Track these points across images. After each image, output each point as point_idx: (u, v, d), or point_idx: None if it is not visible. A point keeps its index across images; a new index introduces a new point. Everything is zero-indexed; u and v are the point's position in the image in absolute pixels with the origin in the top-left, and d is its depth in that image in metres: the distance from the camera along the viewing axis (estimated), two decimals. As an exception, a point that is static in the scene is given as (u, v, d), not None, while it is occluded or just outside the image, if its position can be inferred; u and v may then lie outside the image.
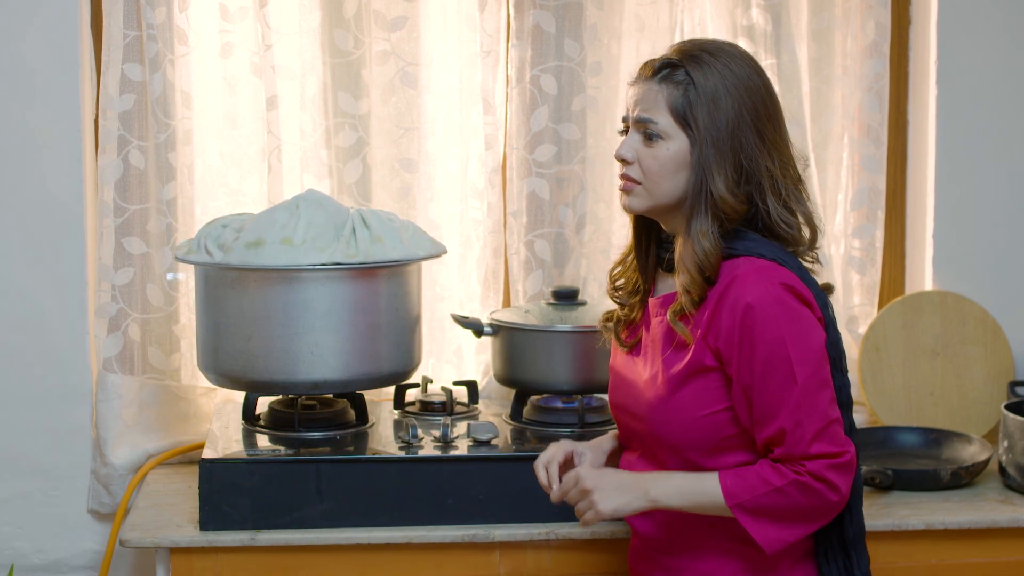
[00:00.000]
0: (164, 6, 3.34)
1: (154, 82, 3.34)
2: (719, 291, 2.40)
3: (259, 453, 2.95)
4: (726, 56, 2.45)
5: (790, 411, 2.35)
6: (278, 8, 3.41)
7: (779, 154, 2.45)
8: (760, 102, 2.44)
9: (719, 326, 2.39)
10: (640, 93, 2.47)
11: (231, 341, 3.01)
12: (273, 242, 2.97)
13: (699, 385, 2.43)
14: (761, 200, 2.44)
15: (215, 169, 3.46)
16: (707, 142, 2.40)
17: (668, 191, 2.44)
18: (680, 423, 2.45)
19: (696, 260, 2.40)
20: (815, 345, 2.38)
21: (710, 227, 2.40)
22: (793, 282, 2.39)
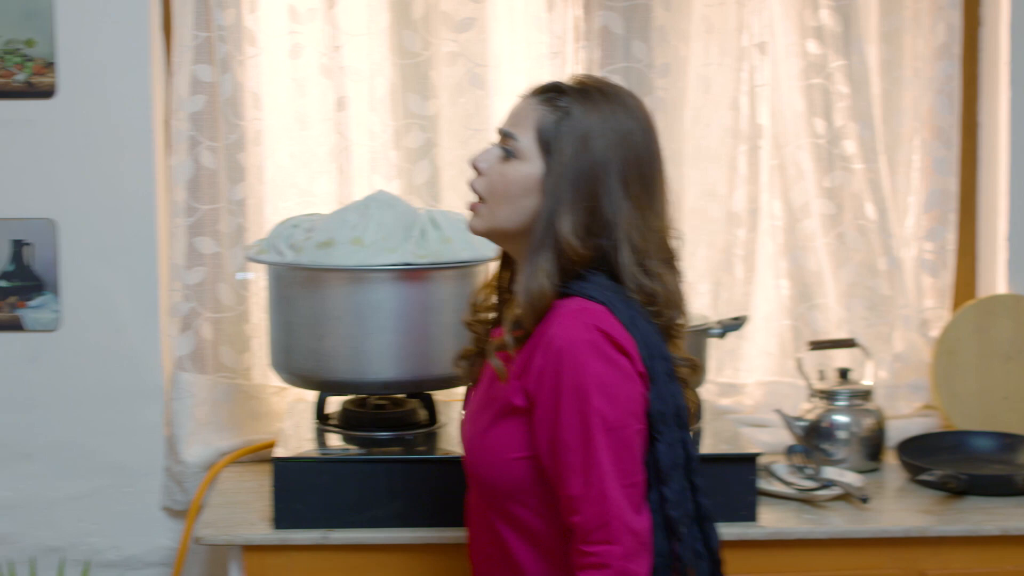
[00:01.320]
0: (233, 7, 3.36)
1: (224, 83, 3.36)
2: (538, 332, 2.23)
3: (331, 452, 2.96)
4: (618, 102, 2.28)
5: (584, 474, 2.15)
6: (347, 9, 3.42)
7: (642, 215, 2.25)
8: (635, 157, 2.25)
9: (531, 366, 2.22)
10: (517, 107, 2.32)
11: (302, 340, 3.02)
12: (344, 242, 2.98)
13: (510, 426, 2.26)
14: (614, 255, 2.24)
15: (285, 169, 3.47)
16: (564, 177, 2.22)
17: (508, 216, 2.28)
18: (490, 464, 2.29)
19: (531, 296, 2.23)
20: (625, 396, 2.18)
21: (551, 266, 2.22)
22: (612, 328, 2.19)
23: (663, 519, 2.23)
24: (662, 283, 2.27)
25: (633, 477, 2.19)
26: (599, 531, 2.15)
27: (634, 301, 2.25)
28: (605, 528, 2.15)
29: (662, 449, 2.23)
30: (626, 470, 2.18)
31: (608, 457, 2.15)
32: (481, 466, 2.31)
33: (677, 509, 2.23)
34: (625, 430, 2.18)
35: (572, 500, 2.17)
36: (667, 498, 2.23)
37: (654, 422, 2.23)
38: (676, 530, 2.23)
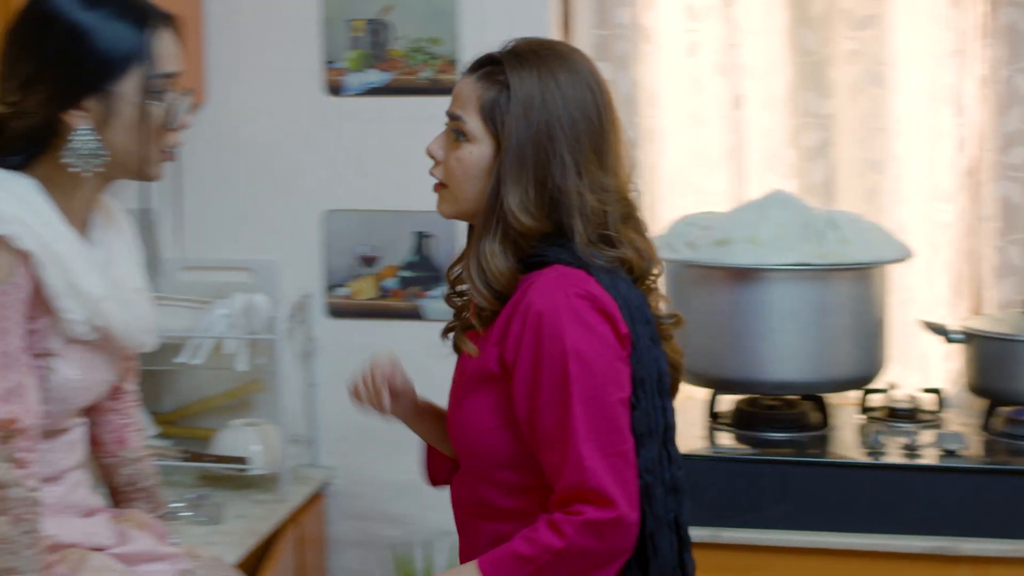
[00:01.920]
0: (632, 6, 3.41)
1: (622, 81, 3.41)
2: (515, 299, 2.16)
3: (722, 451, 2.98)
4: (557, 62, 2.17)
5: (561, 442, 2.08)
6: (744, 7, 3.42)
7: (594, 178, 2.16)
8: (582, 116, 2.15)
9: (508, 333, 2.14)
10: (459, 88, 2.23)
11: (697, 338, 3.03)
12: (741, 241, 2.98)
13: (487, 395, 2.18)
14: (568, 223, 2.16)
15: (680, 167, 3.50)
16: (509, 151, 2.14)
17: (472, 197, 2.20)
18: (471, 433, 2.22)
19: (486, 281, 2.16)
20: (604, 364, 2.10)
21: (500, 246, 2.15)
22: (595, 291, 2.12)
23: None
24: (626, 243, 2.20)
25: (617, 446, 2.10)
26: (577, 497, 2.08)
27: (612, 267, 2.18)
28: (583, 495, 2.07)
29: (638, 416, 2.15)
30: (606, 439, 2.09)
31: (585, 425, 2.07)
32: (462, 437, 2.24)
33: (650, 475, 2.16)
34: (605, 399, 2.09)
35: (551, 467, 2.11)
36: (639, 465, 2.14)
37: (634, 388, 2.15)
38: (648, 499, 2.15)
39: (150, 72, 2.07)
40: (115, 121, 2.07)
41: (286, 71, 3.48)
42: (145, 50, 2.07)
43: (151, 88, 2.08)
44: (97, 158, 2.08)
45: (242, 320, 3.31)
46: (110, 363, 2.24)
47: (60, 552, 2.12)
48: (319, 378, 3.49)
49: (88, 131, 2.06)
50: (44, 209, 2.06)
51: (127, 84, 2.07)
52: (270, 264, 3.51)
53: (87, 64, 2.05)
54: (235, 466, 3.28)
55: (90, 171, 2.08)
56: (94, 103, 2.06)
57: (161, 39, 2.10)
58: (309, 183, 3.46)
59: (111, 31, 2.05)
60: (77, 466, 2.24)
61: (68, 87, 2.05)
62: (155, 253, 3.45)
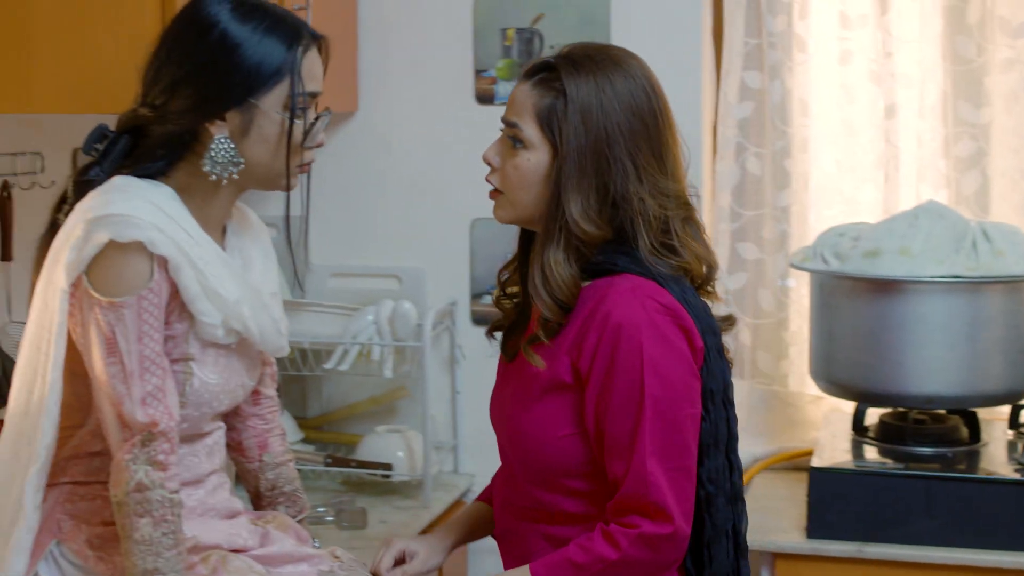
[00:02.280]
0: (784, 14, 3.38)
1: (773, 89, 3.38)
2: (589, 308, 2.15)
3: (868, 465, 2.93)
4: (612, 67, 2.17)
5: (628, 453, 2.09)
6: (899, 15, 3.36)
7: (655, 182, 2.16)
8: (640, 122, 2.15)
9: (584, 343, 2.14)
10: (515, 94, 2.22)
11: (844, 350, 3.01)
12: (891, 252, 2.94)
13: (555, 404, 2.18)
14: (631, 229, 2.16)
15: (830, 177, 3.45)
16: (568, 158, 2.13)
17: (530, 204, 2.19)
18: (534, 442, 2.19)
19: (550, 291, 2.15)
20: (679, 379, 2.11)
21: (564, 254, 2.14)
22: (673, 304, 2.13)
23: (696, 498, 2.16)
24: (688, 249, 2.19)
25: (682, 461, 2.11)
26: (636, 508, 2.10)
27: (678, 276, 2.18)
28: (642, 508, 2.09)
29: (706, 427, 2.17)
30: (673, 453, 2.10)
31: (654, 439, 2.08)
32: (529, 445, 2.22)
33: (710, 487, 2.17)
34: (676, 413, 2.11)
35: (615, 476, 2.12)
36: (701, 476, 2.16)
37: (704, 400, 2.16)
38: (709, 508, 2.17)
39: (294, 89, 2.10)
40: (254, 133, 2.11)
41: (437, 80, 3.51)
42: (292, 67, 2.10)
43: (294, 106, 2.11)
44: (234, 167, 2.12)
45: (388, 327, 3.34)
46: (247, 367, 2.27)
47: (202, 553, 2.15)
48: (463, 385, 3.51)
49: (226, 140, 2.10)
50: (180, 215, 2.10)
51: (270, 99, 2.10)
52: (417, 271, 3.54)
53: (235, 75, 2.09)
54: (380, 472, 3.31)
55: (225, 179, 2.12)
56: (236, 114, 2.10)
57: (308, 58, 2.13)
58: (457, 191, 3.48)
59: (262, 46, 2.09)
60: (217, 469, 2.28)
61: (214, 96, 2.09)
62: (304, 260, 3.53)
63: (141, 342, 2.03)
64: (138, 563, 2.02)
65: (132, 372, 2.02)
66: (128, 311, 2.02)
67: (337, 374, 3.44)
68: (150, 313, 2.04)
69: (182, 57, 2.10)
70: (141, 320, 2.03)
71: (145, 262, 2.04)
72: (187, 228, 2.09)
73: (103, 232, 2.01)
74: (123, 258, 2.02)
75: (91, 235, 2.02)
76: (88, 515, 2.14)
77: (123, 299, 2.02)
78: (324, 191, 3.56)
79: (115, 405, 2.03)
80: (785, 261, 3.38)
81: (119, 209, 2.03)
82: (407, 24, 3.52)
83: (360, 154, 3.56)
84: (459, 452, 3.55)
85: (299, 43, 2.12)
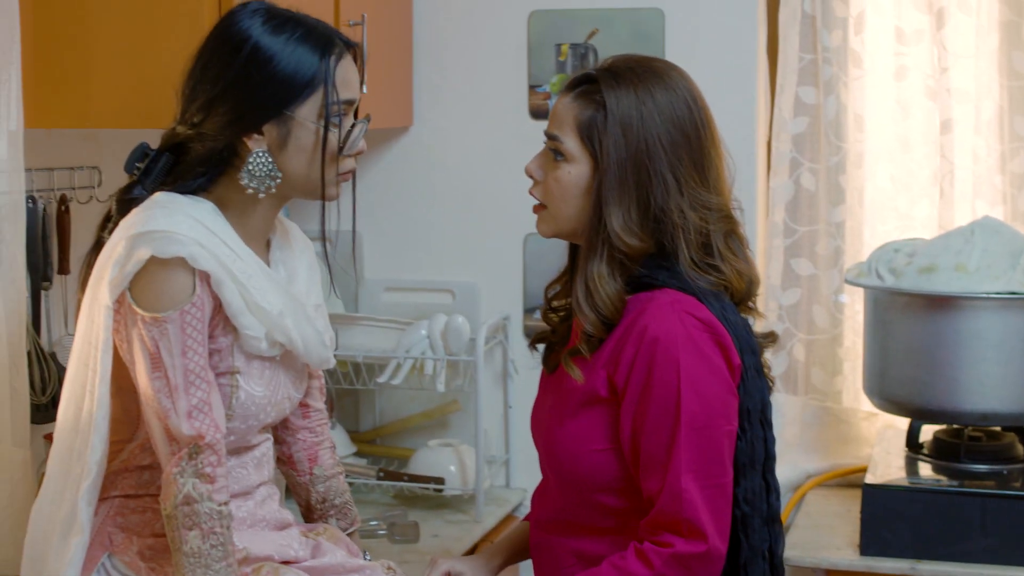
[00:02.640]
0: (840, 29, 3.37)
1: (828, 105, 3.37)
2: (627, 322, 2.14)
3: (922, 482, 2.91)
4: (653, 80, 2.16)
5: (663, 469, 2.08)
6: (955, 30, 3.34)
7: (696, 195, 2.15)
8: (681, 135, 2.15)
9: (621, 357, 2.13)
10: (556, 107, 2.22)
11: (898, 367, 2.99)
12: (946, 268, 2.92)
13: (591, 418, 2.17)
14: (671, 243, 2.15)
15: (885, 192, 3.44)
16: (610, 172, 2.12)
17: (571, 217, 2.19)
18: (569, 455, 2.19)
19: (594, 305, 2.14)
20: (716, 395, 2.10)
21: (607, 268, 2.14)
22: (711, 320, 2.11)
23: (733, 517, 2.15)
24: (729, 264, 2.18)
25: (718, 478, 2.10)
26: (670, 526, 2.09)
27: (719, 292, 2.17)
28: (675, 525, 2.08)
29: (741, 447, 2.16)
30: (709, 470, 2.09)
31: (689, 455, 2.07)
32: (563, 458, 2.21)
33: (745, 507, 2.16)
34: (712, 430, 2.09)
35: (649, 492, 2.11)
36: (737, 496, 2.15)
37: (740, 419, 2.15)
38: (745, 528, 2.15)
39: (329, 99, 2.11)
40: (292, 145, 2.12)
41: (491, 95, 3.52)
42: (325, 77, 2.10)
43: (329, 114, 2.11)
44: (272, 180, 2.13)
45: (442, 341, 3.35)
46: (294, 380, 2.29)
47: (253, 565, 2.16)
48: (515, 399, 3.52)
49: (264, 154, 2.11)
50: (222, 230, 2.11)
51: (305, 109, 2.11)
52: (470, 286, 3.54)
53: (269, 88, 2.09)
54: (432, 486, 3.32)
55: (264, 192, 2.13)
56: (272, 127, 2.11)
57: (341, 66, 2.13)
58: (510, 206, 3.48)
59: (294, 56, 2.09)
60: (266, 481, 2.29)
61: (249, 111, 2.10)
62: (358, 274, 3.55)
63: (185, 356, 2.04)
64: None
65: (177, 386, 2.04)
66: (171, 325, 2.03)
67: (390, 388, 3.46)
68: (193, 327, 2.05)
69: (216, 74, 2.11)
70: (184, 334, 2.04)
71: (187, 277, 2.05)
72: (229, 242, 2.11)
73: (145, 248, 2.03)
74: (165, 274, 2.04)
75: (133, 252, 2.04)
76: (139, 527, 2.16)
77: (166, 314, 2.03)
78: (378, 205, 3.58)
79: (161, 419, 2.05)
80: (839, 277, 3.37)
81: (160, 225, 2.04)
82: (462, 39, 3.53)
83: (414, 169, 3.58)
84: (511, 466, 3.55)
85: (332, 51, 2.12)
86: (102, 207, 2.78)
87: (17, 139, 2.36)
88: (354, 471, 3.33)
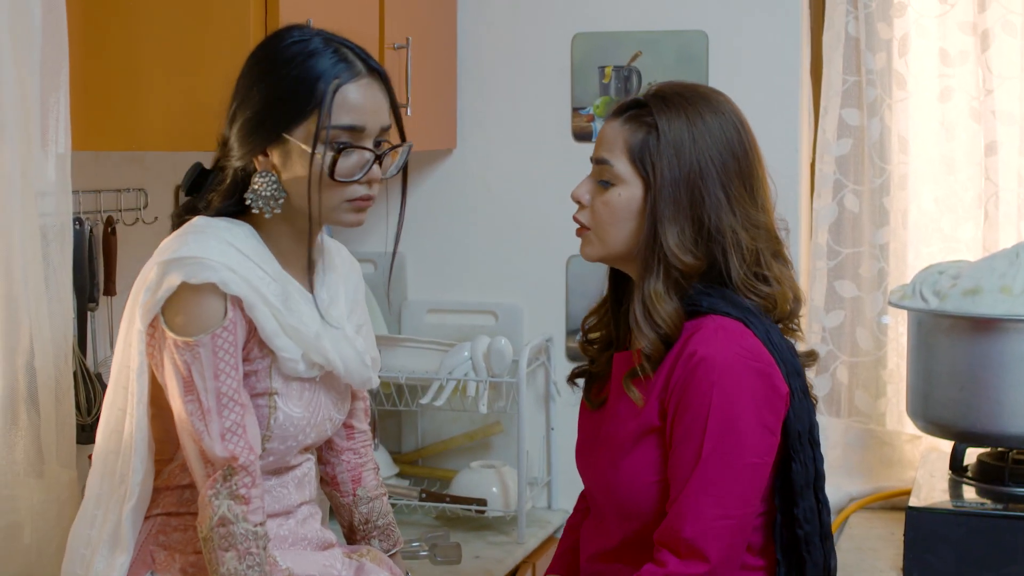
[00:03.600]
0: (884, 51, 3.36)
1: (872, 127, 3.36)
2: (677, 348, 2.17)
3: (966, 505, 2.89)
4: (702, 103, 2.20)
5: (681, 488, 2.12)
6: (999, 52, 3.34)
7: (747, 215, 2.19)
8: (730, 156, 2.19)
9: (670, 383, 2.16)
10: (604, 131, 2.25)
11: (943, 389, 2.97)
12: (991, 290, 2.90)
13: (647, 450, 2.19)
14: (724, 261, 2.18)
15: (929, 214, 3.43)
16: (663, 193, 2.16)
17: (620, 240, 2.22)
18: (628, 491, 2.19)
19: (653, 322, 2.16)
20: (749, 425, 2.11)
21: (664, 286, 2.16)
22: (756, 348, 2.14)
23: (791, 537, 2.18)
24: (777, 281, 2.21)
25: (732, 509, 2.11)
26: (669, 544, 2.11)
27: (762, 314, 2.19)
28: (675, 544, 2.10)
29: (796, 468, 2.18)
30: (724, 501, 2.11)
31: (706, 479, 2.10)
32: (622, 494, 2.22)
33: (807, 526, 2.18)
34: (736, 460, 2.11)
35: (668, 512, 2.13)
36: (796, 517, 2.18)
37: (791, 441, 2.17)
38: (807, 547, 2.18)
39: (319, 123, 2.08)
40: (288, 169, 2.12)
41: (534, 117, 3.53)
42: (320, 100, 2.08)
43: (326, 139, 2.09)
44: (275, 201, 2.13)
45: (484, 363, 3.36)
46: (335, 401, 2.29)
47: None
48: (557, 421, 3.52)
49: (268, 174, 2.13)
50: (257, 252, 2.13)
51: (300, 132, 2.10)
52: (513, 308, 3.55)
53: (269, 109, 2.10)
54: (474, 507, 3.32)
55: (269, 213, 2.14)
56: (275, 149, 2.12)
57: (350, 89, 2.11)
58: (553, 228, 3.49)
59: (294, 78, 2.09)
60: (307, 501, 2.30)
61: (255, 132, 2.12)
62: (401, 295, 3.56)
63: (217, 379, 2.06)
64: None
65: (210, 409, 2.06)
66: (203, 349, 2.05)
67: (432, 409, 3.47)
68: (225, 350, 2.07)
69: (235, 95, 2.14)
70: (216, 357, 2.06)
71: (219, 301, 2.07)
72: (263, 265, 2.12)
73: (176, 274, 2.05)
74: (197, 299, 2.05)
75: (164, 278, 2.06)
76: (181, 545, 2.17)
77: (198, 338, 2.05)
78: (421, 227, 3.60)
79: (196, 441, 2.07)
80: (883, 299, 3.36)
81: (192, 251, 2.06)
82: (506, 62, 3.54)
83: (457, 191, 3.59)
84: (553, 488, 3.55)
85: (340, 73, 2.11)
86: (148, 229, 2.82)
87: (65, 162, 2.38)
88: (396, 492, 3.34)
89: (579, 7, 3.47)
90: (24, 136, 2.29)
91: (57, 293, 2.39)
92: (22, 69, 2.27)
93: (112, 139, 2.62)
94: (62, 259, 2.40)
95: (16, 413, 2.34)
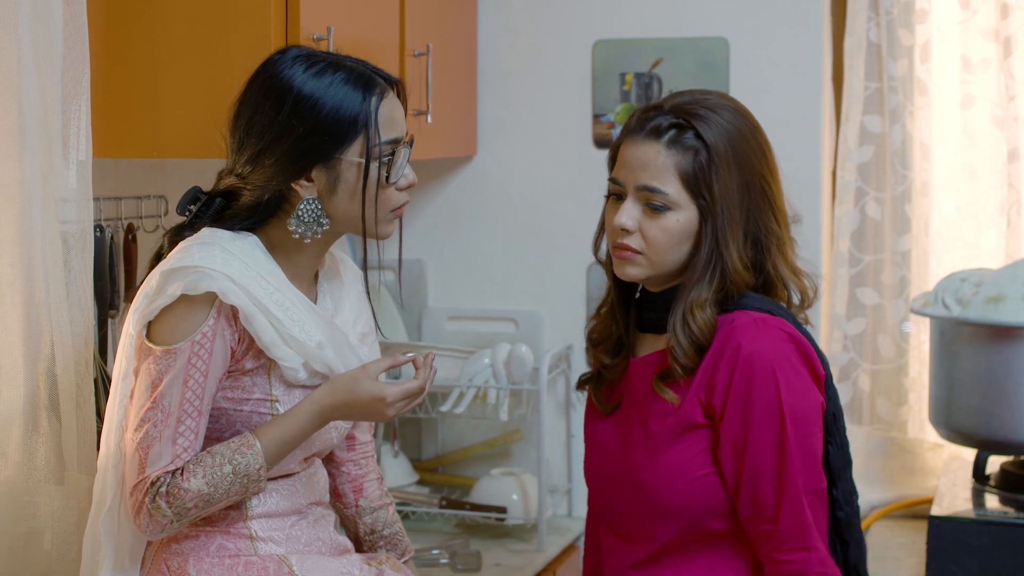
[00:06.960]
0: (906, 58, 3.35)
1: (893, 134, 3.35)
2: (716, 346, 2.17)
3: (988, 514, 2.88)
4: (727, 113, 2.20)
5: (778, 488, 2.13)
6: (1022, 59, 3.32)
7: (780, 211, 2.24)
8: (762, 158, 2.22)
9: (714, 380, 2.17)
10: (644, 156, 2.18)
11: (965, 397, 2.96)
12: (1014, 298, 2.90)
13: (689, 445, 2.19)
14: (770, 262, 2.22)
15: (951, 222, 3.42)
16: (722, 212, 2.16)
17: (673, 261, 2.21)
18: (671, 487, 2.19)
19: (689, 330, 2.17)
20: (809, 409, 2.16)
21: (709, 296, 2.17)
22: (795, 334, 2.18)
23: (832, 519, 2.22)
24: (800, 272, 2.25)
25: (817, 484, 2.16)
26: (795, 539, 2.13)
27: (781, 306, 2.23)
28: (801, 536, 2.13)
29: (833, 451, 2.22)
30: (811, 478, 2.15)
31: (799, 466, 2.14)
32: (661, 492, 2.21)
33: (845, 509, 2.22)
34: (811, 438, 2.15)
35: (764, 509, 2.14)
36: (836, 499, 2.22)
37: (827, 424, 2.21)
38: (849, 529, 2.22)
39: (375, 139, 2.11)
40: (341, 188, 2.13)
41: (555, 124, 3.53)
42: (367, 119, 2.11)
43: (375, 154, 2.12)
44: (319, 226, 2.15)
45: (505, 370, 3.35)
46: None
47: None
48: (578, 429, 3.51)
49: (313, 200, 2.13)
50: (261, 263, 2.14)
51: (352, 152, 2.12)
52: (534, 315, 3.55)
53: (315, 136, 2.10)
54: (494, 515, 3.32)
55: (310, 238, 2.15)
56: (321, 172, 2.12)
57: (385, 105, 2.14)
58: (574, 235, 3.49)
59: (336, 101, 2.10)
60: (317, 502, 2.30)
61: (297, 159, 2.11)
62: (421, 302, 3.56)
63: (167, 388, 2.07)
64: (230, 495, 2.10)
65: (170, 413, 2.07)
66: (180, 356, 2.07)
67: (453, 417, 3.47)
68: (200, 358, 2.08)
69: (263, 127, 2.12)
70: (189, 364, 2.07)
71: (206, 310, 2.08)
72: (267, 276, 2.13)
73: (176, 285, 2.07)
74: (190, 310, 2.07)
75: (164, 287, 2.07)
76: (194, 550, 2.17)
77: (178, 345, 2.07)
78: (442, 234, 3.60)
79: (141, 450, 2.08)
80: (905, 306, 3.35)
81: (194, 261, 2.07)
82: (526, 69, 3.55)
83: (478, 198, 3.59)
84: (573, 496, 3.54)
85: (373, 92, 2.13)
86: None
87: (86, 169, 2.39)
88: (416, 499, 3.34)
89: (600, 14, 3.47)
90: (45, 143, 2.30)
91: (78, 300, 2.40)
92: (44, 77, 2.28)
93: (133, 146, 2.63)
94: (83, 266, 2.41)
95: (37, 420, 2.34)
